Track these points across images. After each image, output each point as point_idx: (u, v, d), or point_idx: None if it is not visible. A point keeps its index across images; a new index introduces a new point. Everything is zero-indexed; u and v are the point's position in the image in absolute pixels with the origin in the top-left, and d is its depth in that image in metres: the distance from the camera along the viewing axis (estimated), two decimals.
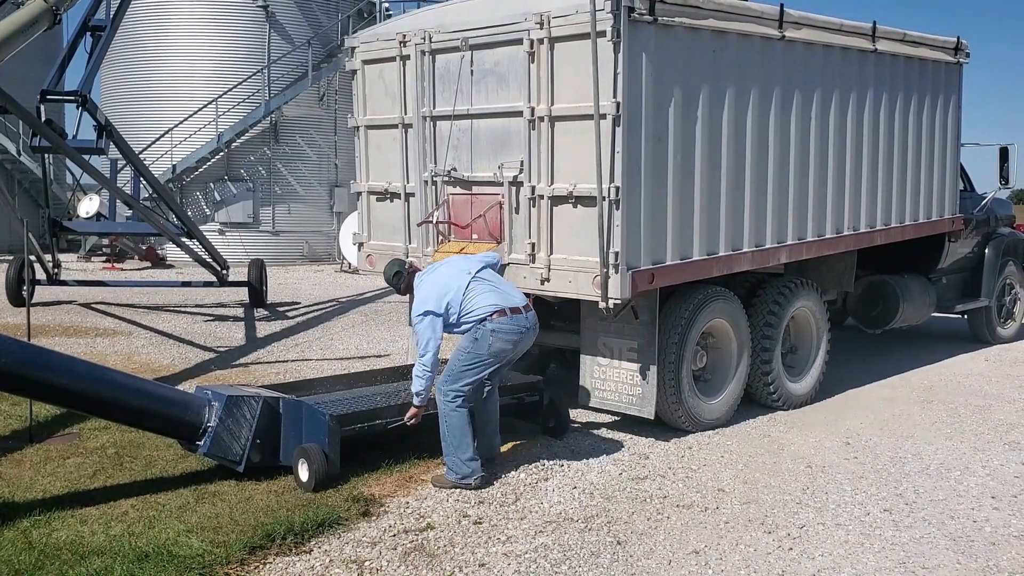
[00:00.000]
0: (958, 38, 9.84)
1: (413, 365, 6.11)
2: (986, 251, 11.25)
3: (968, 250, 11.09)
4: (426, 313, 5.90)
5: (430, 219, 7.47)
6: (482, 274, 6.12)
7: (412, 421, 6.06)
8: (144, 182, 13.70)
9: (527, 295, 6.43)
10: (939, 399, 8.62)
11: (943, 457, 6.81)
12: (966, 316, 11.49)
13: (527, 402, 7.07)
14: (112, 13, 12.78)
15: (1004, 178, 11.37)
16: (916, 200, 9.56)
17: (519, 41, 6.73)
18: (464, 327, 5.97)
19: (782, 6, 7.45)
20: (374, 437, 6.25)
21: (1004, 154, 11.32)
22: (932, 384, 9.25)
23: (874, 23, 8.57)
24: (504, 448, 6.71)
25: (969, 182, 11.33)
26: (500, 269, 6.56)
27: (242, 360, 10.17)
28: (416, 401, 6.00)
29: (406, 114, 7.62)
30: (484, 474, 6.00)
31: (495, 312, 5.93)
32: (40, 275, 13.71)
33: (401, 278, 6.34)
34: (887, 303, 10.13)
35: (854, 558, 4.99)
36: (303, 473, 5.80)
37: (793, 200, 7.84)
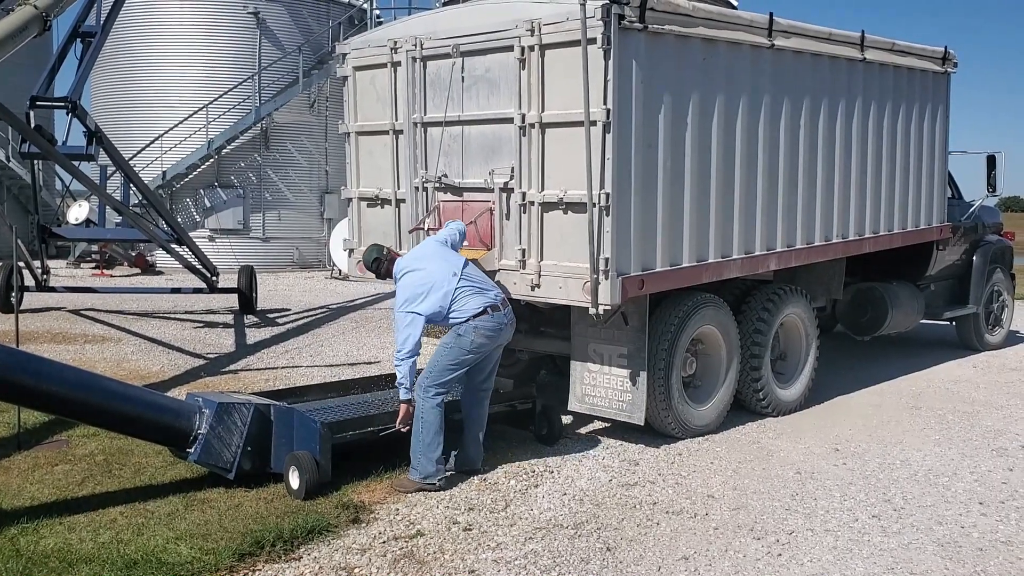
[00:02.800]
0: (945, 48, 9.92)
1: None
2: (974, 258, 11.31)
3: (956, 257, 11.15)
4: (411, 312, 5.99)
5: (421, 226, 7.47)
6: (467, 272, 6.22)
7: (404, 427, 6.05)
8: (134, 188, 13.66)
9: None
10: (927, 405, 8.66)
11: (931, 463, 6.85)
12: (954, 323, 11.56)
13: (520, 409, 7.09)
14: (102, 19, 12.77)
15: (991, 186, 11.44)
16: (904, 208, 9.62)
17: (510, 48, 6.75)
18: (449, 323, 6.08)
19: (771, 15, 7.49)
20: (366, 445, 6.24)
21: (991, 162, 11.39)
22: (920, 391, 9.29)
23: (862, 32, 8.63)
24: (493, 455, 6.71)
25: (957, 190, 11.40)
26: (462, 236, 6.67)
27: (232, 367, 10.14)
28: (402, 394, 6.01)
29: (397, 120, 7.63)
30: (447, 476, 6.06)
31: (480, 312, 6.05)
32: (29, 281, 13.66)
33: (381, 264, 6.48)
34: (876, 310, 10.17)
35: (843, 564, 5.01)
36: (294, 481, 5.79)
37: (782, 208, 7.87)
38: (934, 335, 12.25)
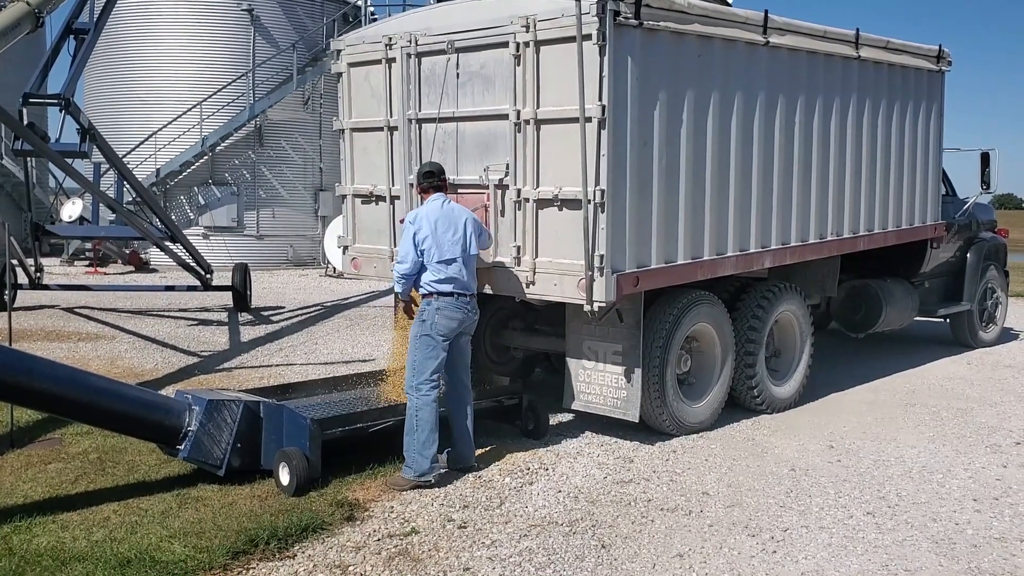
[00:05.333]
0: (940, 46, 9.93)
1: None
2: (968, 255, 11.33)
3: (950, 255, 11.17)
4: (416, 234, 6.16)
5: None
6: (470, 258, 6.29)
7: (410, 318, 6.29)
8: (127, 186, 13.62)
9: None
10: (921, 402, 8.67)
11: (925, 460, 6.85)
12: (948, 320, 11.57)
13: (506, 405, 7.14)
14: (95, 16, 12.72)
15: (985, 183, 11.47)
16: (899, 206, 9.63)
17: (505, 44, 6.73)
18: (420, 285, 6.20)
19: (766, 12, 7.50)
20: (357, 441, 6.24)
21: (985, 159, 11.42)
22: (915, 388, 9.30)
23: (857, 30, 8.63)
24: (488, 452, 6.70)
25: (951, 187, 11.42)
26: (486, 242, 6.70)
27: (226, 364, 10.12)
28: (402, 296, 6.36)
29: (391, 117, 7.61)
30: (441, 472, 6.08)
31: (443, 293, 6.12)
32: (22, 279, 13.60)
33: (429, 177, 6.47)
34: (870, 307, 10.18)
35: (837, 561, 5.01)
36: (284, 477, 5.79)
37: (777, 205, 7.88)
38: (928, 332, 12.27)
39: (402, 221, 7.51)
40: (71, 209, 16.05)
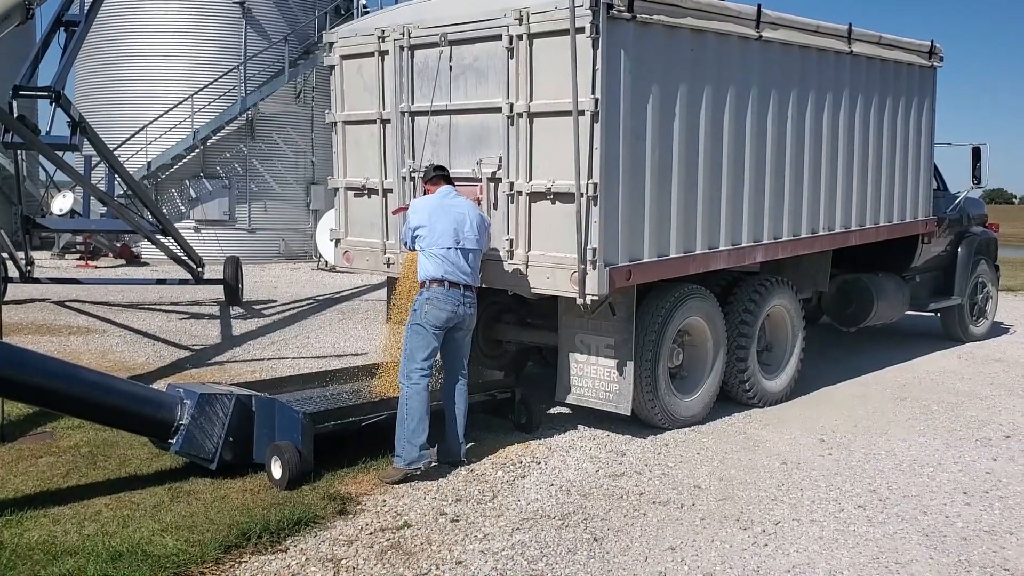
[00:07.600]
0: (932, 42, 9.95)
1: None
2: (959, 250, 11.37)
3: (941, 249, 11.20)
4: (416, 226, 6.32)
5: (405, 207, 7.43)
6: (467, 249, 6.26)
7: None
8: (119, 179, 13.55)
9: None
10: (912, 396, 8.71)
11: (916, 453, 6.88)
12: (939, 314, 11.62)
13: (499, 399, 7.15)
14: (86, 8, 12.64)
15: (976, 178, 11.50)
16: (890, 201, 9.65)
17: (498, 37, 6.72)
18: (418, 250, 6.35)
19: (759, 6, 7.50)
20: (349, 434, 6.24)
21: (976, 154, 11.45)
22: (905, 381, 9.34)
23: (850, 25, 8.64)
24: (481, 446, 6.70)
25: (942, 181, 11.44)
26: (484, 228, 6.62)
27: (218, 358, 10.09)
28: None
29: (384, 109, 7.60)
30: (430, 461, 6.10)
31: (432, 280, 6.15)
32: (13, 273, 13.54)
33: (436, 171, 6.57)
34: (861, 301, 10.21)
35: (828, 554, 5.03)
36: (276, 471, 5.78)
37: (769, 200, 7.89)
38: (919, 326, 12.32)
39: (395, 212, 7.53)
40: (62, 202, 15.95)
